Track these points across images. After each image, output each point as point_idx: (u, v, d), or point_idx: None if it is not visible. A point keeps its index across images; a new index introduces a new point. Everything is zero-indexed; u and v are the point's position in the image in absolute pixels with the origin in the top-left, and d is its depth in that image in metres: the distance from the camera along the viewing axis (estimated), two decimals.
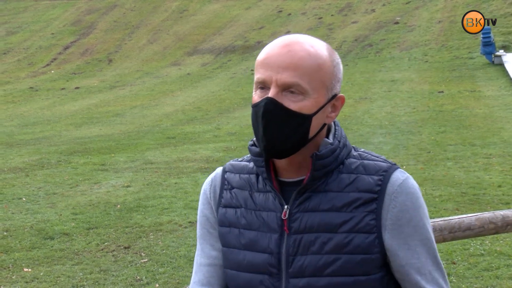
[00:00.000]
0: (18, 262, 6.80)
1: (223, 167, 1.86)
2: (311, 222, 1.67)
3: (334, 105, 1.71)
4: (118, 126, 17.61)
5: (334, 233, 1.66)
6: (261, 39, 32.65)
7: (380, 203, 1.66)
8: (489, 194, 8.43)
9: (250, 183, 1.78)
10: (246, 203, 1.76)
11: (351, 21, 32.70)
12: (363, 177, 1.69)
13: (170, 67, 30.52)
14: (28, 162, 12.32)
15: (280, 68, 1.62)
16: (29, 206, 8.96)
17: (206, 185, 1.87)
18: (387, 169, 1.69)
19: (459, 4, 31.01)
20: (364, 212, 1.66)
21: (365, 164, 1.71)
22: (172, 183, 10.05)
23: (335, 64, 1.68)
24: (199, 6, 39.46)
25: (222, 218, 1.79)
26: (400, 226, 1.66)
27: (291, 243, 1.69)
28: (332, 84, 1.67)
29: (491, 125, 13.72)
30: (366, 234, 1.65)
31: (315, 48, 1.65)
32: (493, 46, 22.91)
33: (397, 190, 1.66)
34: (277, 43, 1.68)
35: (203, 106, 20.44)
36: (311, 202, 1.69)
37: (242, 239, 1.75)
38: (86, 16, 39.93)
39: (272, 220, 1.71)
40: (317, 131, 1.68)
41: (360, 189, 1.67)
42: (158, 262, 6.64)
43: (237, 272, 1.76)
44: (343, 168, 1.70)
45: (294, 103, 1.62)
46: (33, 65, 33.17)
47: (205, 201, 1.86)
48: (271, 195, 1.73)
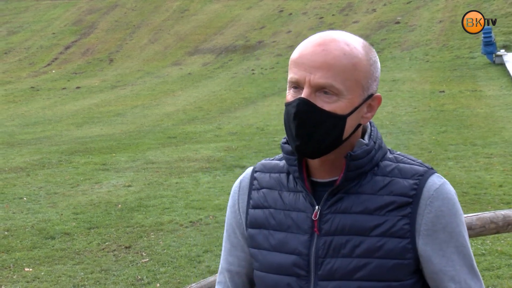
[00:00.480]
0: (19, 261, 6.81)
1: (253, 167, 1.83)
2: (342, 224, 1.63)
3: (370, 105, 1.66)
4: (119, 125, 17.61)
5: (366, 237, 1.62)
6: (262, 39, 32.65)
7: (415, 208, 1.61)
8: (490, 194, 8.42)
9: (280, 182, 1.74)
10: (275, 203, 1.73)
11: (352, 21, 32.70)
12: (398, 180, 1.64)
13: (171, 67, 30.52)
14: (29, 161, 12.32)
15: (314, 68, 1.57)
16: (30, 206, 8.96)
17: (235, 187, 1.85)
18: (423, 173, 1.65)
19: (460, 4, 31.00)
20: (398, 216, 1.61)
21: (400, 167, 1.66)
22: (173, 182, 10.05)
23: (371, 62, 1.63)
24: (200, 6, 39.46)
25: (251, 220, 1.76)
26: (435, 232, 1.62)
27: (321, 244, 1.65)
28: (368, 84, 1.62)
29: (492, 125, 13.71)
30: (399, 239, 1.61)
31: (351, 47, 1.60)
32: (494, 45, 22.90)
33: (433, 195, 1.62)
34: (312, 41, 1.61)
35: (204, 106, 20.45)
36: (343, 204, 1.65)
37: (272, 240, 1.71)
38: (87, 16, 39.94)
39: (302, 221, 1.67)
40: (352, 131, 1.63)
41: (395, 192, 1.63)
42: (159, 261, 6.65)
43: (265, 274, 1.72)
44: (378, 170, 1.66)
45: (327, 104, 1.58)
46: (34, 64, 33.19)
47: (231, 204, 1.84)
48: (301, 195, 1.69)
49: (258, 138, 13.86)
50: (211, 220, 7.96)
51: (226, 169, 10.84)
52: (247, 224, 1.77)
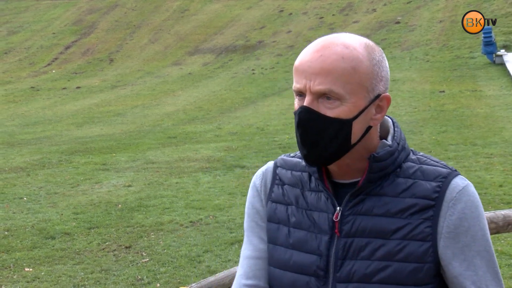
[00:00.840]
0: (19, 261, 6.81)
1: (274, 162, 1.81)
2: (363, 226, 1.62)
3: (379, 106, 1.63)
4: (119, 125, 17.61)
5: (387, 240, 1.60)
6: (262, 38, 32.65)
7: (437, 211, 1.59)
8: (490, 193, 8.42)
9: (302, 181, 1.72)
10: (297, 201, 1.71)
11: (352, 21, 32.70)
12: (420, 182, 1.62)
13: (171, 67, 30.52)
14: (29, 161, 12.32)
15: (313, 75, 1.56)
16: (30, 206, 8.97)
17: (256, 179, 1.82)
18: (446, 175, 1.62)
19: (460, 3, 31.00)
20: (420, 219, 1.59)
21: (423, 169, 1.64)
22: (173, 182, 10.05)
23: (375, 62, 1.60)
24: (200, 5, 39.47)
25: (271, 214, 1.75)
26: (457, 235, 1.59)
27: (341, 246, 1.64)
28: (372, 85, 1.59)
29: (492, 125, 13.71)
30: (420, 242, 1.59)
31: (350, 49, 1.58)
32: (494, 45, 22.90)
33: (455, 197, 1.59)
34: (310, 48, 1.61)
35: (204, 106, 20.45)
36: (365, 205, 1.63)
37: (291, 238, 1.70)
38: (87, 16, 39.94)
39: (323, 221, 1.66)
40: (362, 135, 1.61)
41: (417, 195, 1.60)
42: (159, 261, 6.65)
43: (282, 271, 1.71)
44: (400, 172, 1.64)
45: (330, 110, 1.56)
46: (34, 64, 33.19)
47: (255, 193, 1.80)
48: (323, 195, 1.68)
49: (258, 138, 13.86)
50: (211, 220, 7.97)
51: (226, 169, 10.84)
52: (267, 216, 1.76)
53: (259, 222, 1.79)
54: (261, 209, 1.78)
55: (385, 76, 1.63)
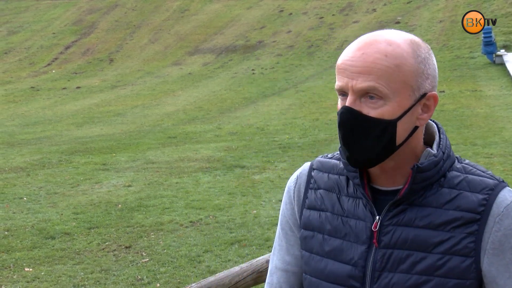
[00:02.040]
0: (19, 261, 6.81)
1: (310, 164, 1.74)
2: (404, 237, 1.55)
3: (425, 105, 1.55)
4: (119, 125, 17.61)
5: (428, 253, 1.53)
6: (262, 38, 32.65)
7: (483, 225, 1.51)
8: None
9: (339, 185, 1.65)
10: (333, 207, 1.64)
11: (352, 21, 32.70)
12: (466, 194, 1.54)
13: (171, 67, 30.52)
14: (29, 161, 12.33)
15: (355, 74, 1.50)
16: (30, 206, 8.97)
17: (291, 183, 1.75)
18: (493, 187, 1.54)
19: (460, 3, 31.01)
20: (464, 233, 1.52)
21: (469, 179, 1.56)
22: (173, 182, 10.05)
23: (420, 60, 1.52)
24: (200, 5, 39.47)
25: (306, 221, 1.68)
26: (502, 252, 1.51)
27: (379, 257, 1.56)
28: (418, 83, 1.51)
29: (492, 125, 13.72)
30: (463, 257, 1.51)
31: (393, 46, 1.50)
32: (494, 45, 22.90)
33: (503, 212, 1.51)
34: (353, 46, 1.54)
35: (204, 106, 20.45)
36: (406, 216, 1.55)
37: (326, 246, 1.63)
38: (87, 16, 39.94)
39: (360, 230, 1.59)
40: (407, 136, 1.53)
41: (462, 208, 1.53)
42: (159, 261, 6.65)
43: (318, 280, 1.65)
44: (445, 181, 1.56)
45: (374, 110, 1.50)
46: (34, 64, 33.19)
47: (287, 200, 1.74)
48: (361, 202, 1.60)
49: (258, 138, 13.86)
50: (211, 220, 7.97)
51: (226, 169, 10.84)
52: (301, 224, 1.70)
53: (288, 232, 1.74)
54: (291, 218, 1.73)
55: (432, 74, 1.55)
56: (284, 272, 1.75)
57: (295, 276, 1.74)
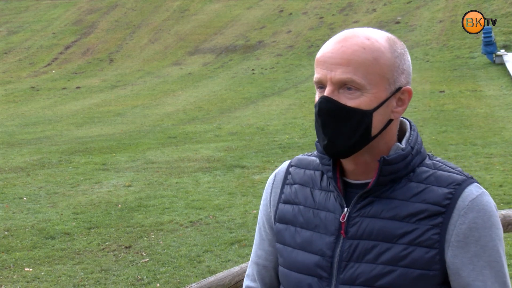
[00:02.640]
0: (19, 261, 6.81)
1: (290, 161, 1.80)
2: (370, 228, 1.59)
3: (400, 99, 1.61)
4: (119, 125, 17.61)
5: (393, 244, 1.57)
6: (262, 38, 32.65)
7: (447, 218, 1.55)
8: (490, 193, 8.38)
9: (313, 180, 1.71)
10: (306, 200, 1.70)
11: (352, 21, 32.69)
12: (433, 188, 1.58)
13: (171, 67, 30.52)
14: (29, 161, 12.32)
15: (334, 65, 1.55)
16: (30, 206, 8.97)
17: (269, 181, 1.81)
18: (460, 182, 1.58)
19: (460, 3, 31.00)
20: (428, 225, 1.56)
21: (437, 174, 1.60)
22: (173, 182, 10.05)
23: (397, 55, 1.58)
24: (200, 5, 39.46)
25: (280, 215, 1.74)
26: (467, 244, 1.55)
27: (346, 248, 1.62)
28: (394, 77, 1.57)
29: (492, 125, 13.71)
30: (427, 248, 1.56)
31: (372, 40, 1.56)
32: (494, 45, 22.90)
33: (468, 205, 1.56)
34: (332, 39, 1.60)
35: (204, 106, 20.45)
36: (373, 208, 1.60)
37: (298, 238, 1.69)
38: (87, 16, 39.94)
39: (330, 222, 1.64)
40: (382, 128, 1.59)
41: (428, 201, 1.57)
42: (159, 261, 6.65)
43: (289, 271, 1.71)
44: (414, 176, 1.60)
45: (351, 100, 1.55)
46: (34, 64, 33.19)
47: (264, 196, 1.81)
48: (333, 195, 1.66)
49: (258, 138, 13.86)
50: (211, 220, 7.97)
51: (226, 169, 10.84)
52: (276, 218, 1.75)
53: (261, 227, 1.81)
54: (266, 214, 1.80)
55: (407, 70, 1.61)
56: (256, 265, 1.83)
57: (266, 270, 1.81)
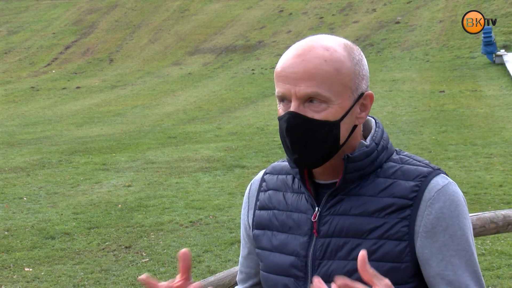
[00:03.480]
0: (19, 261, 6.81)
1: (265, 169, 1.83)
2: (340, 226, 1.62)
3: (363, 104, 1.63)
4: (119, 125, 17.61)
5: (363, 239, 1.59)
6: (262, 38, 32.65)
7: (415, 210, 1.57)
8: (490, 193, 8.42)
9: (285, 184, 1.73)
10: (279, 204, 1.73)
11: (352, 21, 32.70)
12: (399, 182, 1.60)
13: (171, 67, 30.52)
14: (29, 161, 12.32)
15: (297, 80, 1.55)
16: (30, 206, 8.97)
17: (247, 189, 1.85)
18: (426, 174, 1.60)
19: (460, 3, 31.00)
20: (397, 218, 1.58)
21: (404, 169, 1.62)
22: (173, 182, 10.05)
23: (355, 62, 1.60)
24: (200, 5, 39.47)
25: (257, 221, 1.77)
26: (435, 234, 1.57)
27: (318, 246, 1.64)
28: (355, 84, 1.59)
29: (492, 125, 13.71)
30: (396, 241, 1.58)
31: (331, 51, 1.57)
32: (494, 45, 22.90)
33: (434, 196, 1.57)
34: (291, 52, 1.60)
35: (204, 106, 20.45)
36: (343, 206, 1.63)
37: (274, 241, 1.71)
38: (87, 16, 39.94)
39: (302, 222, 1.67)
40: (348, 135, 1.61)
41: (395, 194, 1.59)
42: (159, 261, 6.65)
43: (268, 274, 1.74)
44: (381, 172, 1.63)
45: (318, 113, 1.56)
46: (34, 64, 33.19)
47: (244, 205, 1.85)
48: (304, 196, 1.68)
49: (258, 138, 13.86)
50: (211, 220, 7.97)
51: (226, 169, 10.84)
52: (254, 225, 1.78)
53: (244, 234, 1.85)
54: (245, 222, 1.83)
55: (366, 74, 1.63)
56: (239, 272, 1.90)
57: (247, 276, 1.87)
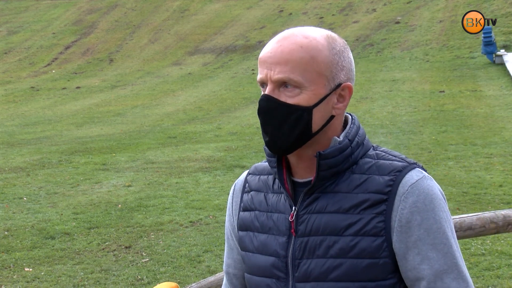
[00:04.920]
0: (19, 261, 6.81)
1: (248, 170, 1.84)
2: (317, 224, 1.61)
3: (340, 95, 1.63)
4: (119, 125, 17.61)
5: (340, 236, 1.59)
6: (262, 38, 32.64)
7: (390, 205, 1.57)
8: (490, 193, 8.42)
9: (267, 185, 1.74)
10: (260, 205, 1.73)
11: (352, 21, 32.70)
12: (374, 177, 1.60)
13: (171, 67, 30.52)
14: (29, 161, 12.32)
15: (273, 65, 1.59)
16: (30, 206, 8.96)
17: (231, 190, 1.86)
18: (401, 168, 1.60)
19: (460, 3, 30.99)
20: (372, 214, 1.58)
21: (379, 164, 1.62)
22: (173, 182, 10.05)
23: (335, 52, 1.60)
24: (200, 5, 39.46)
25: (240, 223, 1.77)
26: (410, 229, 1.56)
27: (297, 246, 1.64)
28: (332, 73, 1.60)
29: (492, 125, 13.71)
30: (373, 237, 1.57)
31: (309, 39, 1.59)
32: (494, 45, 22.89)
33: (408, 190, 1.57)
34: (273, 39, 1.64)
35: (204, 106, 20.45)
36: (319, 204, 1.62)
37: (255, 242, 1.72)
38: (87, 16, 39.94)
39: (281, 222, 1.67)
40: (323, 124, 1.61)
41: (370, 190, 1.59)
42: (159, 261, 6.65)
43: (251, 276, 1.74)
44: (356, 168, 1.63)
45: (290, 98, 1.58)
46: (34, 64, 33.19)
47: (228, 207, 1.85)
48: (283, 196, 1.68)
49: (258, 138, 13.86)
50: (211, 220, 7.97)
51: (226, 169, 10.84)
52: (238, 226, 1.78)
53: (229, 236, 1.85)
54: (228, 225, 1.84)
55: (347, 66, 1.63)
56: (226, 274, 1.88)
57: (236, 278, 1.85)
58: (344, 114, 1.67)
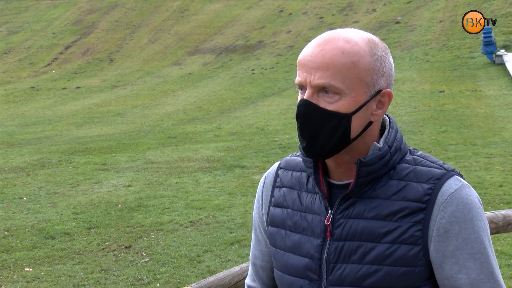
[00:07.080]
0: (19, 261, 6.81)
1: (278, 163, 1.82)
2: (354, 229, 1.61)
3: (380, 101, 1.61)
4: (119, 125, 17.61)
5: (377, 243, 1.59)
6: (262, 38, 32.64)
7: (428, 214, 1.56)
8: (490, 193, 8.42)
9: (300, 182, 1.73)
10: (293, 203, 1.72)
11: (352, 21, 32.69)
12: (412, 185, 1.59)
13: (171, 67, 30.52)
14: (29, 161, 12.32)
15: (313, 69, 1.56)
16: (30, 206, 8.96)
17: (260, 183, 1.84)
18: (440, 176, 1.59)
19: (460, 3, 31.00)
20: (410, 222, 1.57)
21: (417, 170, 1.61)
22: (173, 182, 10.05)
23: (376, 58, 1.59)
24: (200, 5, 39.46)
25: (271, 218, 1.77)
26: (448, 238, 1.56)
27: (332, 249, 1.63)
28: (373, 80, 1.58)
29: (492, 125, 13.71)
30: (410, 245, 1.57)
31: (351, 44, 1.57)
32: (494, 45, 22.89)
33: (447, 200, 1.56)
34: (313, 42, 1.60)
35: (204, 106, 20.45)
36: (356, 209, 1.62)
37: (287, 241, 1.71)
38: (87, 16, 39.94)
39: (316, 224, 1.66)
40: (362, 130, 1.59)
41: (408, 198, 1.58)
42: (159, 261, 6.65)
43: (282, 274, 1.74)
44: (394, 174, 1.61)
45: (330, 104, 1.56)
46: (34, 64, 33.18)
47: (256, 199, 1.85)
48: (318, 197, 1.67)
49: (258, 138, 13.86)
50: (211, 220, 7.97)
51: (226, 169, 10.84)
52: (268, 221, 1.78)
53: (256, 228, 1.85)
54: (258, 216, 1.83)
55: (388, 72, 1.61)
56: (253, 265, 1.88)
57: (263, 270, 1.86)
58: (381, 119, 1.66)
